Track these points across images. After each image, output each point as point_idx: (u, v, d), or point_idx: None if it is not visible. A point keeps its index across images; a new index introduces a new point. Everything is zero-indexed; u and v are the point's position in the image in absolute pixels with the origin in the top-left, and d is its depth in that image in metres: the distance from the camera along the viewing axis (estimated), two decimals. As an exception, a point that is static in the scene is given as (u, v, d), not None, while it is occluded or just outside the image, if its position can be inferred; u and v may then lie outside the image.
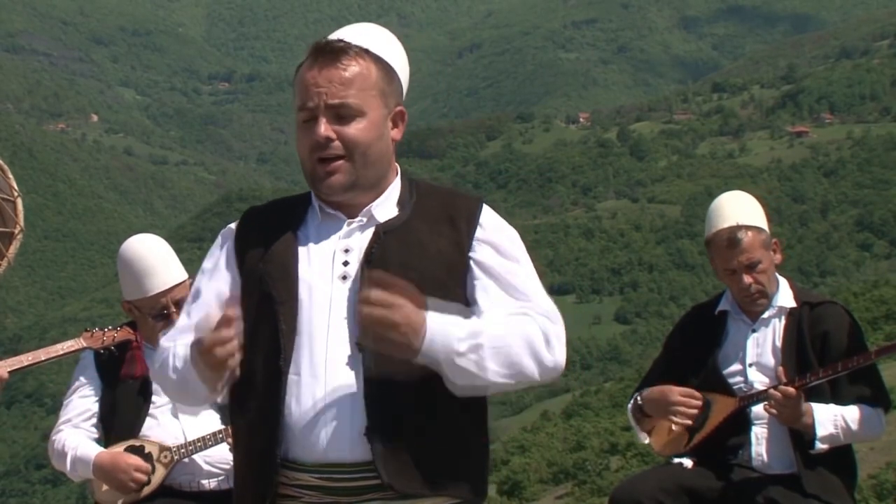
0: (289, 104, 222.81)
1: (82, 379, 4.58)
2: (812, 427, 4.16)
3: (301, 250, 2.88)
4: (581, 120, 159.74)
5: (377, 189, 2.90)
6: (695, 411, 4.30)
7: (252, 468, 2.86)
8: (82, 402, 4.57)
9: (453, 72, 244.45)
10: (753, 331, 4.35)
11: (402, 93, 2.97)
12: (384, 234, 2.85)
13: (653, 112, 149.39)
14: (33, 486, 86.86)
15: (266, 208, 3.01)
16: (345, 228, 2.89)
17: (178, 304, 4.51)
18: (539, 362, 2.80)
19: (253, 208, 3.02)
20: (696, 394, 4.31)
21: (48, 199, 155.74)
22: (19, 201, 3.66)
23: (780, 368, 4.21)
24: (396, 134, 2.92)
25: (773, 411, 4.16)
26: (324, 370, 2.80)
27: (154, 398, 4.52)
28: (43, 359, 4.16)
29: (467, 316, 2.78)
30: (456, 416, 2.84)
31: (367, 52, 2.88)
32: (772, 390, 4.16)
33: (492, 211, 2.94)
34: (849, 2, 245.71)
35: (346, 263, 2.85)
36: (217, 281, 2.96)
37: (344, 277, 2.84)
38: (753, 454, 4.28)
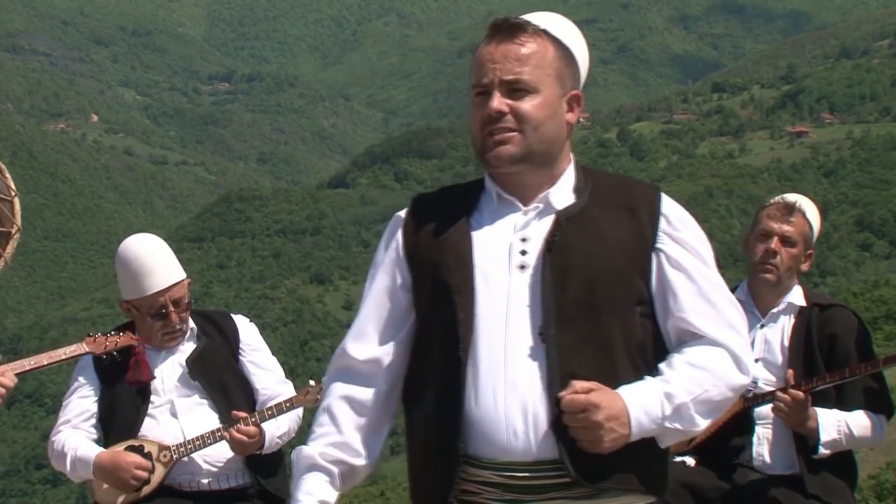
0: (288, 104, 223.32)
1: (81, 379, 4.58)
2: (816, 431, 4.18)
3: (476, 238, 2.78)
4: (581, 120, 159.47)
5: (550, 172, 2.81)
6: None
7: (432, 463, 2.75)
8: (81, 403, 4.57)
9: (453, 72, 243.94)
10: (762, 326, 4.36)
11: (580, 79, 2.88)
12: (565, 221, 2.76)
13: (653, 112, 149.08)
14: (33, 486, 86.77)
15: (436, 195, 2.92)
16: (521, 216, 2.79)
17: (177, 304, 4.49)
18: (734, 388, 2.77)
19: (422, 195, 2.94)
20: None
21: (48, 199, 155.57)
22: (16, 201, 3.64)
23: (790, 371, 4.22)
24: (572, 118, 2.82)
25: (781, 414, 4.17)
26: (503, 362, 2.69)
27: (153, 398, 4.52)
28: (45, 363, 4.11)
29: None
30: None
31: (545, 32, 2.81)
32: (780, 392, 4.16)
33: (672, 201, 2.83)
34: (849, 1, 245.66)
35: (524, 252, 2.76)
36: (388, 272, 2.88)
37: (522, 266, 2.75)
38: (755, 454, 4.29)
